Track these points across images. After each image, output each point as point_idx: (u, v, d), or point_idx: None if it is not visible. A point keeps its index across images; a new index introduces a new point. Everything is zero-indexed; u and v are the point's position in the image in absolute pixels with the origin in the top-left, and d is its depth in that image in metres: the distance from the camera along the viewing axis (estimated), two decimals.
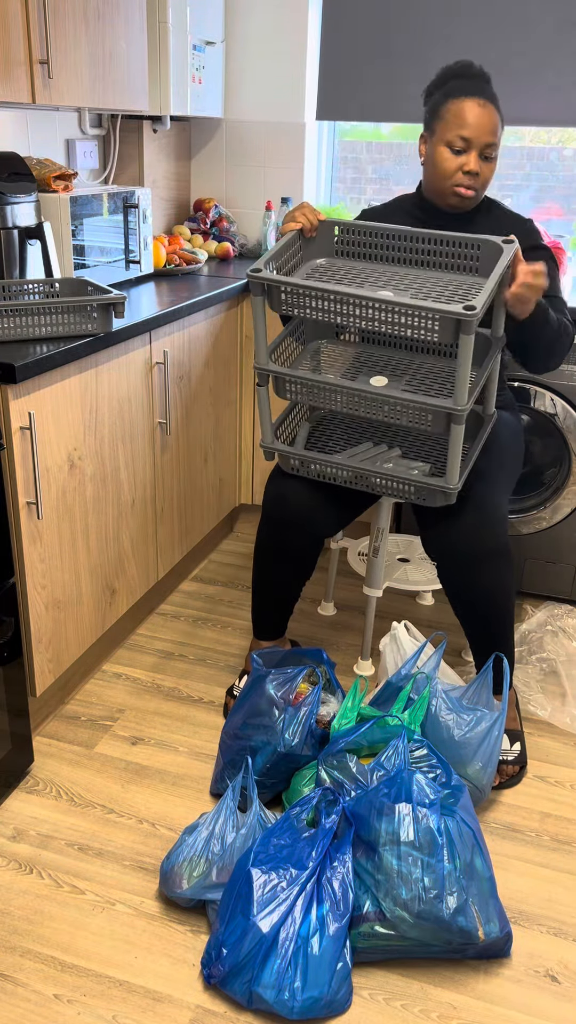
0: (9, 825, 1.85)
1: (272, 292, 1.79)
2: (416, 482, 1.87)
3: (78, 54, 2.17)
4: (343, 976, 1.48)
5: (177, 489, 2.57)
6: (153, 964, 1.57)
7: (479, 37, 2.86)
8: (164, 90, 2.71)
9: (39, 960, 1.57)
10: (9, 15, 1.92)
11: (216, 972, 1.49)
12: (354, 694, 1.86)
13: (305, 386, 1.88)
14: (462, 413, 1.73)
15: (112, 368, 2.10)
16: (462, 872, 1.53)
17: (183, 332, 2.44)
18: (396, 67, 2.98)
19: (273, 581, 2.13)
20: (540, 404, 2.55)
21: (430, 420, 1.77)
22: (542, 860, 1.83)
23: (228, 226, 3.28)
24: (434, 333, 1.67)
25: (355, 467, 1.93)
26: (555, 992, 1.55)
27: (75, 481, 2.02)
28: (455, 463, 1.80)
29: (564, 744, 2.18)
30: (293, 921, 1.47)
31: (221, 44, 3.06)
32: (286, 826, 1.60)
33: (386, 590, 2.85)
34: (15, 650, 1.84)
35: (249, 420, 2.98)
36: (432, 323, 1.66)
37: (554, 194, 3.04)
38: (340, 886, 1.52)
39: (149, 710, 2.23)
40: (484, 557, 1.89)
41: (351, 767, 1.69)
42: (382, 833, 1.54)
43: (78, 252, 2.35)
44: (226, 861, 1.61)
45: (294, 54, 3.08)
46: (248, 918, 1.47)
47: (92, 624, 2.21)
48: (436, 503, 1.89)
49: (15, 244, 2.10)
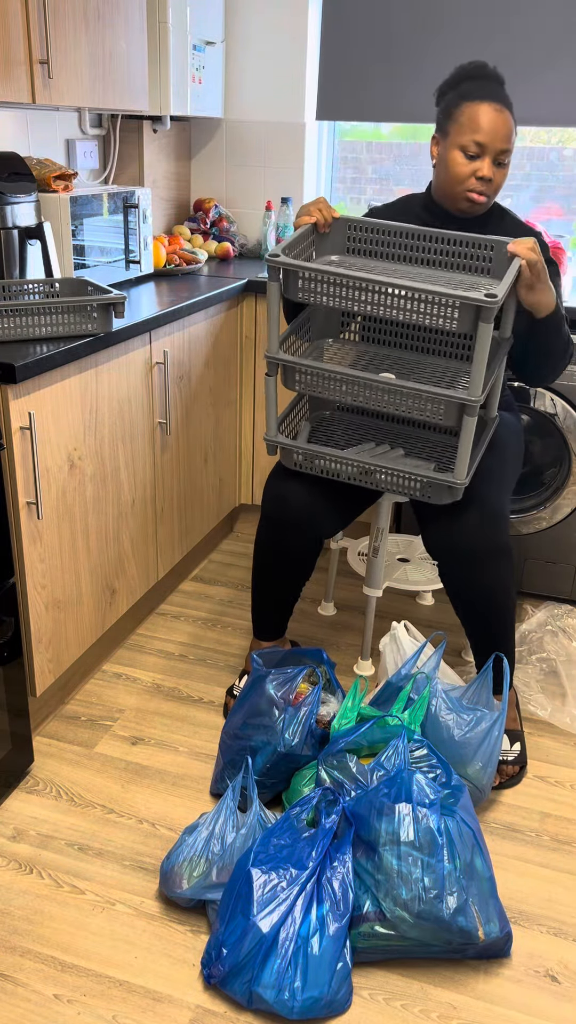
0: (9, 825, 1.85)
1: (289, 278, 1.78)
2: (424, 477, 1.87)
3: (78, 54, 2.17)
4: (343, 976, 1.48)
5: (177, 489, 2.57)
6: (153, 964, 1.57)
7: (479, 37, 2.86)
8: (164, 90, 2.71)
9: (39, 960, 1.57)
10: (9, 15, 1.92)
11: (216, 972, 1.49)
12: (354, 694, 1.86)
13: (316, 376, 1.87)
14: (476, 404, 1.73)
15: (112, 368, 2.10)
16: (462, 872, 1.53)
17: (183, 332, 2.44)
18: (396, 67, 2.98)
19: (273, 582, 2.13)
20: (540, 404, 2.55)
21: (443, 411, 1.78)
22: (542, 860, 1.83)
23: (228, 226, 3.29)
24: (453, 321, 1.67)
25: (363, 461, 1.92)
26: (555, 992, 1.55)
27: (75, 481, 2.02)
28: (465, 457, 1.80)
29: (564, 744, 2.18)
30: (293, 921, 1.47)
31: (221, 44, 3.06)
32: (286, 826, 1.60)
33: (386, 590, 2.85)
34: (15, 650, 1.84)
35: (249, 420, 2.98)
36: (452, 310, 1.66)
37: (554, 194, 3.04)
38: (340, 886, 1.52)
39: (149, 710, 2.23)
40: (485, 556, 1.89)
41: (351, 767, 1.69)
42: (382, 833, 1.54)
43: (78, 252, 2.35)
44: (226, 861, 1.61)
45: (294, 54, 3.08)
46: (248, 918, 1.47)
47: (92, 624, 2.21)
48: (442, 500, 1.89)
49: (15, 244, 2.10)
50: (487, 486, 1.94)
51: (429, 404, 1.78)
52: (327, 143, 3.30)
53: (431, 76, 2.95)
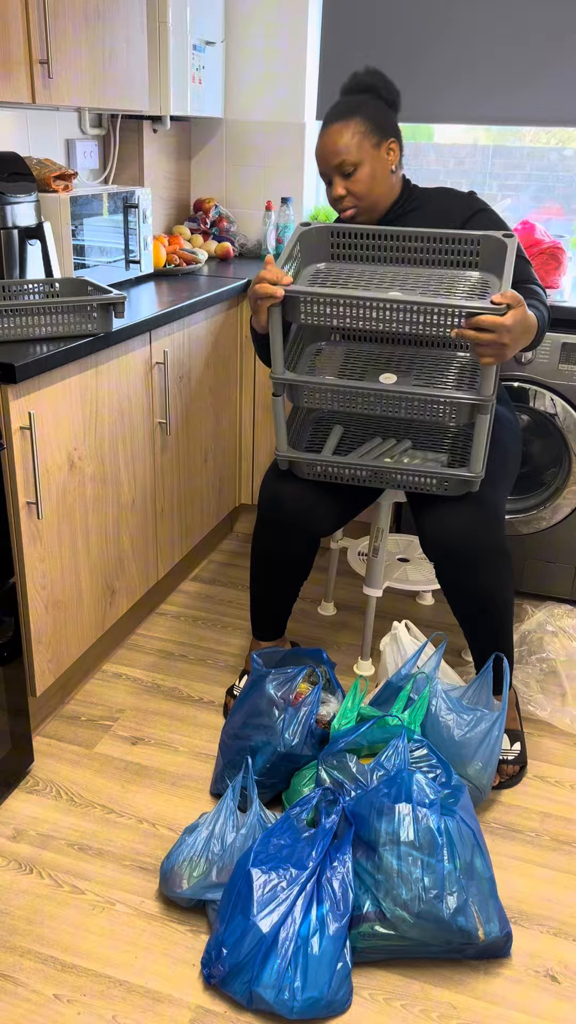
0: (9, 825, 1.85)
1: (290, 303, 1.76)
2: (441, 474, 1.88)
3: (78, 54, 2.17)
4: (343, 976, 1.48)
5: (177, 489, 2.57)
6: (153, 964, 1.57)
7: (479, 36, 2.86)
8: (164, 90, 2.71)
9: (39, 960, 1.57)
10: (9, 15, 1.92)
11: (216, 972, 1.49)
12: (354, 694, 1.86)
13: (327, 392, 1.87)
14: (488, 403, 1.74)
15: (112, 368, 2.10)
16: (462, 872, 1.53)
17: (183, 332, 2.44)
18: (396, 67, 2.98)
19: (270, 583, 2.13)
20: (540, 404, 2.55)
21: (455, 413, 1.80)
22: (542, 860, 1.83)
23: (228, 226, 3.28)
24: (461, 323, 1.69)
25: (382, 467, 1.92)
26: (555, 992, 1.55)
27: (75, 481, 2.02)
28: (479, 451, 1.82)
29: (564, 744, 2.18)
30: (293, 921, 1.47)
31: (221, 44, 3.06)
32: (286, 826, 1.60)
33: (386, 590, 2.85)
34: (15, 650, 1.84)
35: (249, 420, 2.98)
36: (460, 320, 1.67)
37: (554, 194, 3.04)
38: (340, 886, 1.52)
39: (149, 710, 2.23)
40: (483, 557, 1.89)
41: (351, 767, 1.69)
42: (382, 833, 1.54)
43: (78, 252, 2.35)
44: (226, 861, 1.61)
45: (294, 54, 3.08)
46: (248, 918, 1.47)
47: (92, 624, 2.21)
48: (459, 492, 1.90)
49: (15, 244, 2.10)
50: (484, 487, 1.94)
51: (442, 407, 1.79)
52: None
53: (431, 76, 2.95)
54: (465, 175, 3.17)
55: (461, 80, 2.94)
